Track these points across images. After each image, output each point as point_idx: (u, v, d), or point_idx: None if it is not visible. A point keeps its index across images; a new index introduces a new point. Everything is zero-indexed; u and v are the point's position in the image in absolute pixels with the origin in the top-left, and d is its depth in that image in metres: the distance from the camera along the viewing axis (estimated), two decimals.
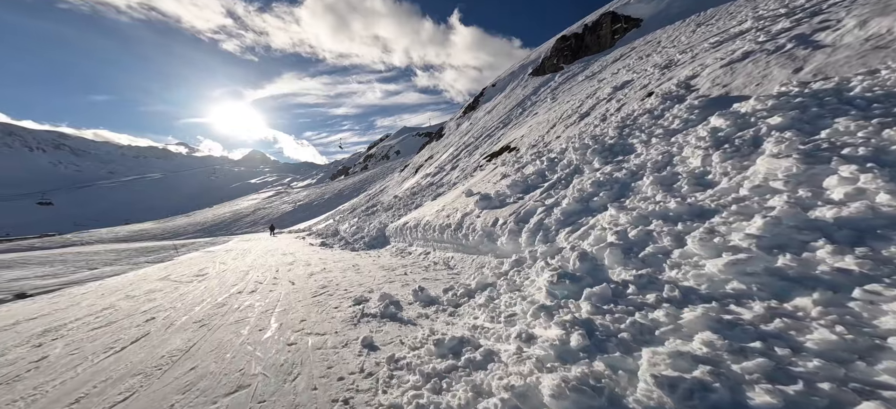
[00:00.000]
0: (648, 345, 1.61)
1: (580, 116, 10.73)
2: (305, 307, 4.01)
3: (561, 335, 1.81)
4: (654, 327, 1.71)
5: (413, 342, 2.76)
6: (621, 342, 1.70)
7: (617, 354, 1.61)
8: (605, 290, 2.13)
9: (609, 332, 1.80)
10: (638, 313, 1.84)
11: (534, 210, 5.29)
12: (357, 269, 6.90)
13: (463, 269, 5.93)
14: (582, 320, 1.93)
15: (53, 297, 5.68)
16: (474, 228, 6.43)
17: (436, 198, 14.38)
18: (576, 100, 14.85)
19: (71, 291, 6.48)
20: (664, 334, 1.64)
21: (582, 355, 1.68)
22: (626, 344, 1.67)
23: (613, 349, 1.66)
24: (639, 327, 1.75)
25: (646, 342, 1.66)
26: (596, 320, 1.92)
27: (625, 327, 1.77)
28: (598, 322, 1.90)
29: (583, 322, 1.90)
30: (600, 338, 1.78)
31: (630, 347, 1.65)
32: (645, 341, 1.67)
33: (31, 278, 12.98)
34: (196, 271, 7.84)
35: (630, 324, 1.78)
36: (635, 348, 1.63)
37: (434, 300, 4.00)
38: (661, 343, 1.60)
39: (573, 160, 6.24)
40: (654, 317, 1.77)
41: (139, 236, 48.73)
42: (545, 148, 10.27)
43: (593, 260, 2.49)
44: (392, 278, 5.68)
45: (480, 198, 7.30)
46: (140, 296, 5.23)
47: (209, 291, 5.33)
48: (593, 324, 1.89)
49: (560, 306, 2.22)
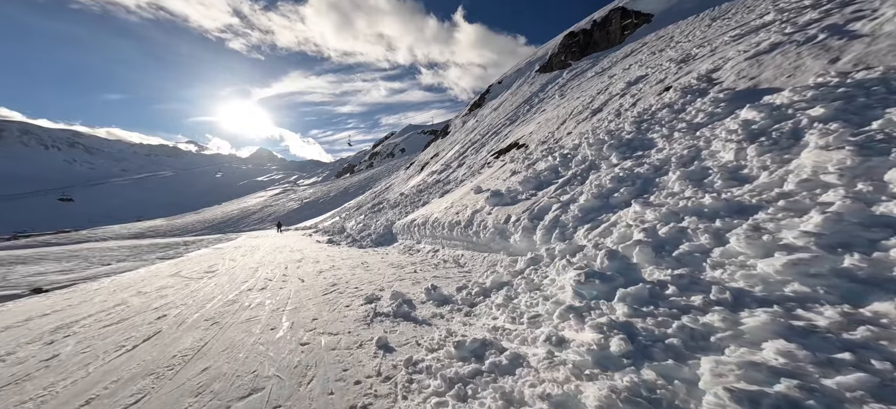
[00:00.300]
0: (705, 352, 1.47)
1: (592, 112, 10.48)
2: (316, 306, 3.93)
3: (598, 339, 1.67)
4: (709, 333, 1.56)
5: (430, 344, 2.64)
6: (670, 348, 1.55)
7: (668, 361, 1.46)
8: (642, 291, 1.98)
9: (653, 337, 1.66)
10: (685, 317, 1.69)
11: (548, 207, 5.13)
12: (366, 266, 6.83)
13: (474, 267, 5.80)
14: (620, 322, 1.79)
15: (66, 293, 5.72)
16: (485, 225, 6.29)
17: (443, 195, 14.28)
18: (586, 96, 14.56)
19: (84, 287, 6.54)
20: (722, 341, 1.49)
21: (625, 361, 1.54)
22: (677, 351, 1.53)
23: (662, 355, 1.52)
24: (689, 332, 1.60)
25: (700, 348, 1.51)
26: (636, 324, 1.78)
27: (672, 332, 1.63)
28: (638, 326, 1.76)
29: (621, 325, 1.76)
30: (644, 343, 1.64)
31: (682, 354, 1.51)
32: (699, 347, 1.52)
33: (47, 274, 13.25)
34: (206, 268, 7.86)
35: (678, 329, 1.63)
36: (688, 355, 1.49)
37: (448, 299, 3.89)
38: (720, 351, 1.45)
39: (588, 156, 6.06)
40: (706, 322, 1.62)
41: (151, 233, 49.72)
42: (556, 144, 10.06)
43: (623, 259, 2.35)
44: (402, 276, 5.58)
45: (491, 195, 7.16)
46: (151, 293, 5.22)
47: (220, 288, 5.30)
48: (633, 328, 1.75)
49: (590, 307, 2.08)
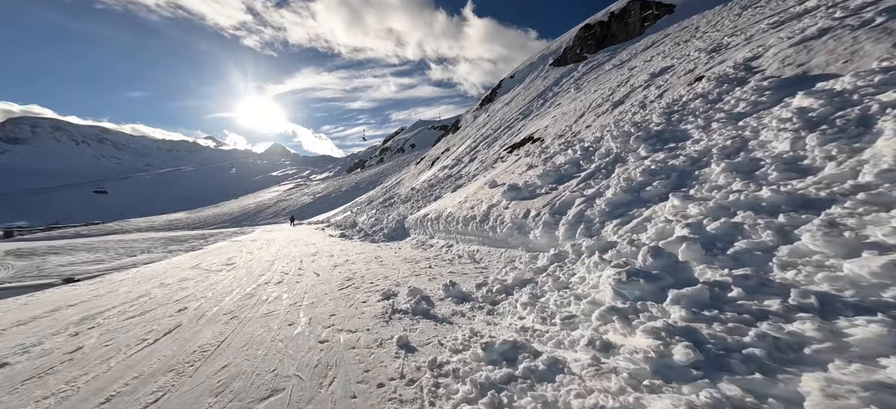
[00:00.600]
0: (801, 366, 1.26)
1: (613, 104, 10.05)
2: (333, 301, 3.86)
3: (656, 346, 1.48)
4: (800, 344, 1.35)
5: (454, 344, 2.51)
6: (752, 359, 1.35)
7: (755, 376, 1.27)
8: (701, 292, 1.77)
9: (726, 346, 1.46)
10: (764, 324, 1.48)
11: (571, 201, 4.90)
12: (380, 261, 6.76)
13: (490, 263, 5.64)
14: (679, 328, 1.59)
15: (93, 283, 5.89)
16: (502, 220, 6.10)
17: (455, 190, 14.10)
18: (606, 88, 14.01)
19: (110, 277, 6.73)
20: (822, 355, 1.28)
21: (695, 373, 1.35)
22: (762, 363, 1.32)
23: (742, 368, 1.32)
24: (772, 342, 1.39)
25: (791, 362, 1.30)
26: (700, 330, 1.57)
27: (751, 341, 1.42)
28: (704, 332, 1.55)
29: (681, 331, 1.56)
30: (715, 353, 1.44)
31: (769, 367, 1.31)
32: (790, 360, 1.31)
33: (78, 264, 13.92)
34: (225, 261, 7.98)
35: (757, 337, 1.43)
36: (777, 369, 1.28)
37: (467, 296, 3.75)
38: (821, 366, 1.24)
39: (612, 149, 5.76)
40: (794, 330, 1.40)
41: (173, 226, 51.73)
42: (575, 137, 9.71)
43: (669, 256, 2.13)
44: (417, 271, 5.47)
45: (508, 189, 6.95)
46: (173, 284, 5.30)
47: (238, 280, 5.33)
48: (698, 334, 1.55)
49: (636, 309, 1.89)
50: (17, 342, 2.84)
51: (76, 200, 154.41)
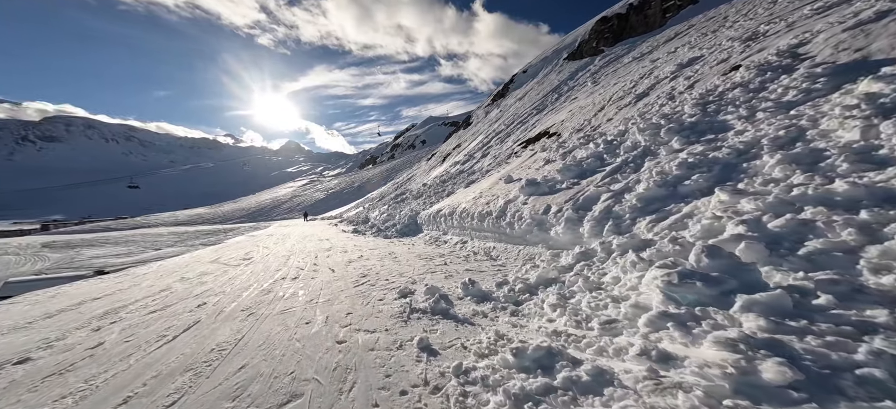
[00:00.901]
0: None
1: (636, 97, 9.58)
2: (349, 298, 3.77)
3: (735, 361, 1.27)
4: None
5: (479, 348, 2.35)
6: (870, 382, 1.12)
7: (886, 403, 1.05)
8: (782, 299, 1.53)
9: (831, 364, 1.23)
10: (877, 339, 1.24)
11: (596, 196, 4.63)
12: (394, 257, 6.67)
13: (508, 260, 5.44)
14: (761, 340, 1.37)
15: (118, 277, 6.05)
16: (520, 216, 5.88)
17: (469, 185, 13.89)
18: (627, 81, 13.43)
19: (135, 271, 6.92)
20: None
21: (796, 395, 1.14)
22: (888, 388, 1.10)
23: (862, 392, 1.10)
24: (892, 361, 1.16)
25: None
26: (789, 343, 1.34)
27: (866, 360, 1.19)
28: (796, 346, 1.33)
29: (764, 344, 1.34)
30: (818, 371, 1.21)
31: None
32: None
33: (108, 257, 14.57)
34: (242, 255, 8.10)
35: (873, 355, 1.19)
36: None
37: (487, 296, 3.58)
38: None
39: (640, 141, 5.43)
40: None
41: (195, 220, 53.74)
42: (595, 131, 9.32)
43: (730, 257, 1.89)
44: (432, 268, 5.34)
45: (526, 184, 6.71)
46: (193, 279, 5.37)
47: (255, 276, 5.34)
48: (787, 348, 1.32)
49: (696, 316, 1.67)
50: (43, 335, 2.87)
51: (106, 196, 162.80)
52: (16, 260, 14.68)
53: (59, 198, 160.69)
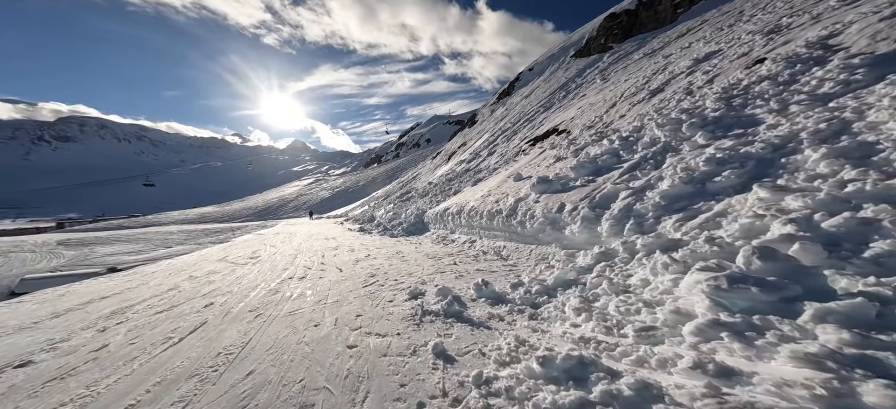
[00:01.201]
0: None
1: (650, 93, 9.29)
2: (358, 299, 3.65)
3: (825, 381, 1.10)
4: None
5: (499, 355, 2.20)
6: None
7: None
8: (864, 309, 1.35)
9: None
10: None
11: (614, 194, 4.44)
12: (402, 256, 6.55)
13: (520, 260, 5.28)
14: (851, 356, 1.19)
15: (128, 275, 6.04)
16: (532, 214, 5.71)
17: (476, 184, 13.73)
18: (639, 77, 13.10)
19: (144, 269, 6.92)
20: None
21: None
22: None
23: None
24: None
25: None
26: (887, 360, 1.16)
27: None
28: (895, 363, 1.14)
29: (857, 361, 1.16)
30: None
31: None
32: None
33: (120, 254, 14.80)
34: (250, 254, 8.06)
35: None
36: None
37: (502, 297, 3.43)
38: None
39: (659, 137, 5.21)
40: None
41: (204, 219, 54.55)
42: (607, 128, 9.07)
43: (787, 260, 1.71)
44: (442, 268, 5.20)
45: (537, 182, 6.52)
46: (201, 278, 5.32)
47: (262, 275, 5.27)
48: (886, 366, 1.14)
49: (755, 325, 1.50)
50: (48, 336, 2.81)
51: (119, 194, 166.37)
52: (32, 257, 14.96)
53: (73, 196, 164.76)
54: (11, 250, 16.90)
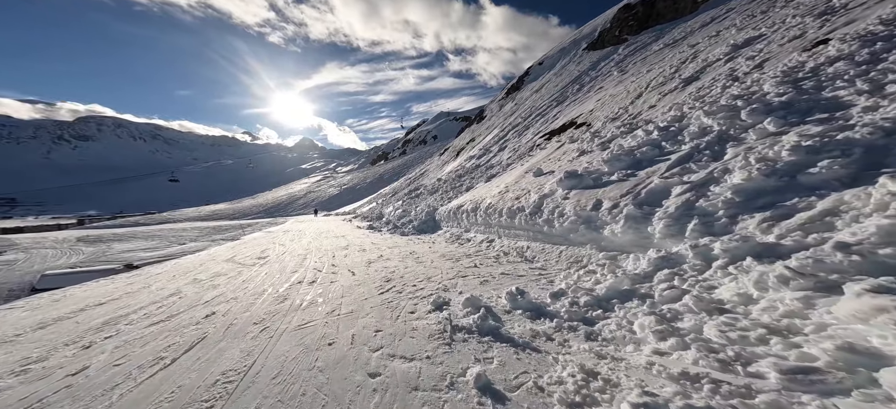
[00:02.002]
0: None
1: (684, 81, 8.60)
2: (376, 310, 3.21)
3: None
4: None
5: (564, 394, 1.71)
6: None
7: None
8: None
9: None
10: None
11: (665, 189, 3.88)
12: (416, 258, 6.11)
13: (548, 262, 4.78)
14: None
15: (131, 276, 5.74)
16: (562, 212, 5.18)
17: (490, 180, 13.19)
18: (665, 67, 12.32)
19: (150, 270, 6.64)
20: None
21: None
22: None
23: None
24: None
25: None
26: None
27: None
28: None
29: None
30: None
31: None
32: None
33: (136, 251, 14.82)
34: (258, 254, 7.74)
35: None
36: None
37: (542, 309, 2.94)
38: None
39: (709, 126, 4.61)
40: None
41: (216, 216, 55.38)
42: (636, 119, 8.43)
43: None
44: (462, 271, 4.73)
45: (564, 177, 5.98)
46: (205, 281, 4.97)
47: (270, 278, 4.89)
48: None
49: None
50: (24, 354, 2.45)
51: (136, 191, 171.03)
52: (53, 254, 15.08)
53: (93, 194, 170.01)
54: (33, 247, 17.16)
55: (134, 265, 9.97)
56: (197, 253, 9.03)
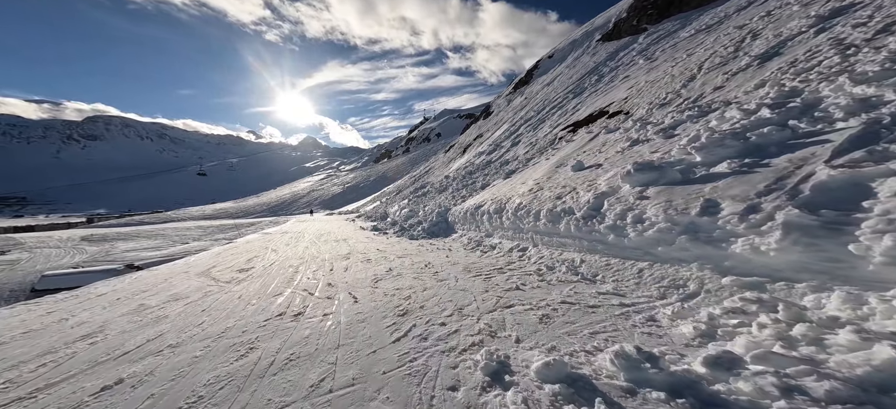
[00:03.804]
0: None
1: (758, 58, 7.10)
2: (393, 384, 1.82)
3: None
4: None
5: None
6: None
7: None
8: None
9: None
10: None
11: (852, 184, 2.44)
12: (434, 272, 4.73)
13: (623, 286, 3.37)
14: None
15: (61, 301, 4.40)
16: (641, 217, 3.76)
17: (508, 176, 11.74)
18: (715, 48, 10.79)
19: (89, 291, 5.34)
20: None
21: None
22: None
23: None
24: None
25: None
26: None
27: None
28: None
29: None
30: None
31: None
32: None
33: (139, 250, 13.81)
34: (243, 263, 6.43)
35: None
36: None
37: (707, 398, 1.54)
38: None
39: (876, 95, 3.15)
40: None
41: (220, 215, 54.65)
42: (698, 101, 6.96)
43: None
44: (503, 298, 3.34)
45: (635, 169, 4.55)
46: (153, 309, 3.62)
47: (242, 305, 3.53)
48: None
49: None
50: None
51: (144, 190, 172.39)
52: (57, 253, 14.32)
53: (102, 193, 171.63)
54: (37, 246, 16.45)
55: (136, 266, 9.28)
56: (170, 263, 7.73)
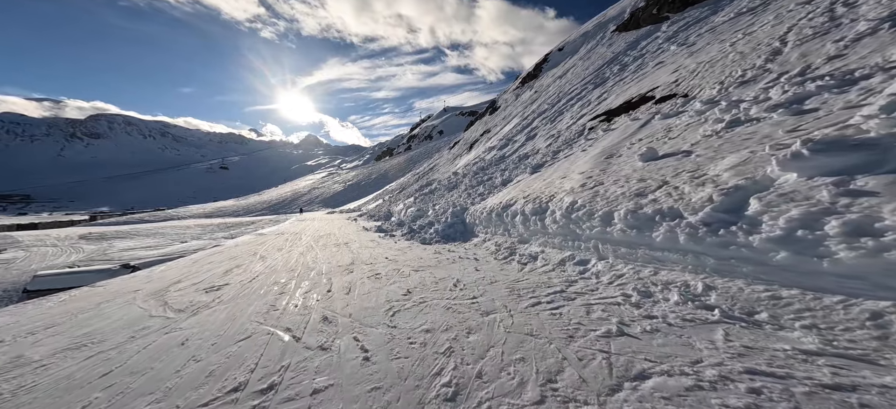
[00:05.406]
0: None
1: (889, 23, 5.53)
2: None
3: None
4: None
5: None
6: None
7: None
8: None
9: None
10: None
11: None
12: (471, 298, 3.30)
13: (822, 330, 1.89)
14: None
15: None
16: (865, 227, 2.27)
17: (536, 170, 10.24)
18: (783, 29, 9.19)
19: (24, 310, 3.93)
20: None
21: None
22: None
23: None
24: None
25: None
26: None
27: None
28: None
29: None
30: None
31: None
32: None
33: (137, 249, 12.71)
34: (219, 276, 5.01)
35: None
36: None
37: None
38: None
39: None
40: None
41: (221, 213, 53.47)
42: (817, 70, 5.41)
43: None
44: (620, 355, 1.91)
45: (813, 150, 3.04)
46: (27, 367, 2.18)
47: (180, 365, 2.08)
48: None
49: None
50: None
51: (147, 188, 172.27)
52: (53, 252, 13.67)
53: (106, 190, 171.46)
54: (34, 245, 15.79)
55: (132, 266, 8.78)
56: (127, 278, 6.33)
